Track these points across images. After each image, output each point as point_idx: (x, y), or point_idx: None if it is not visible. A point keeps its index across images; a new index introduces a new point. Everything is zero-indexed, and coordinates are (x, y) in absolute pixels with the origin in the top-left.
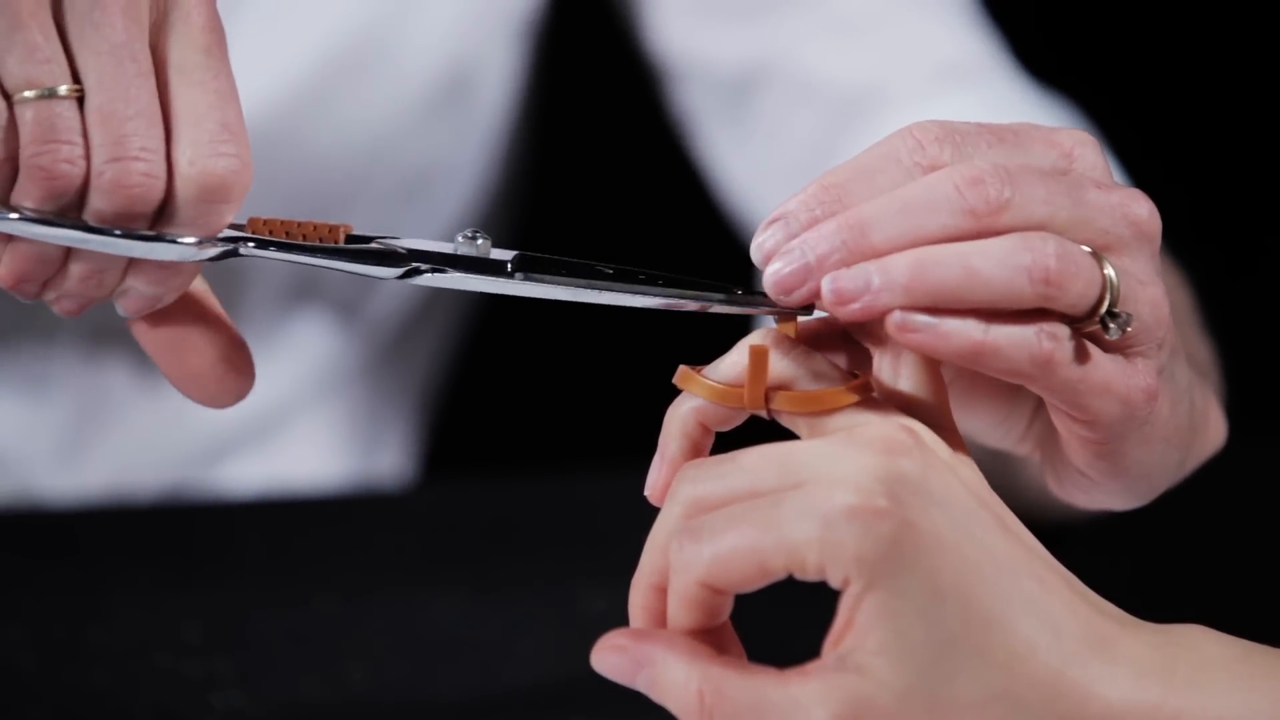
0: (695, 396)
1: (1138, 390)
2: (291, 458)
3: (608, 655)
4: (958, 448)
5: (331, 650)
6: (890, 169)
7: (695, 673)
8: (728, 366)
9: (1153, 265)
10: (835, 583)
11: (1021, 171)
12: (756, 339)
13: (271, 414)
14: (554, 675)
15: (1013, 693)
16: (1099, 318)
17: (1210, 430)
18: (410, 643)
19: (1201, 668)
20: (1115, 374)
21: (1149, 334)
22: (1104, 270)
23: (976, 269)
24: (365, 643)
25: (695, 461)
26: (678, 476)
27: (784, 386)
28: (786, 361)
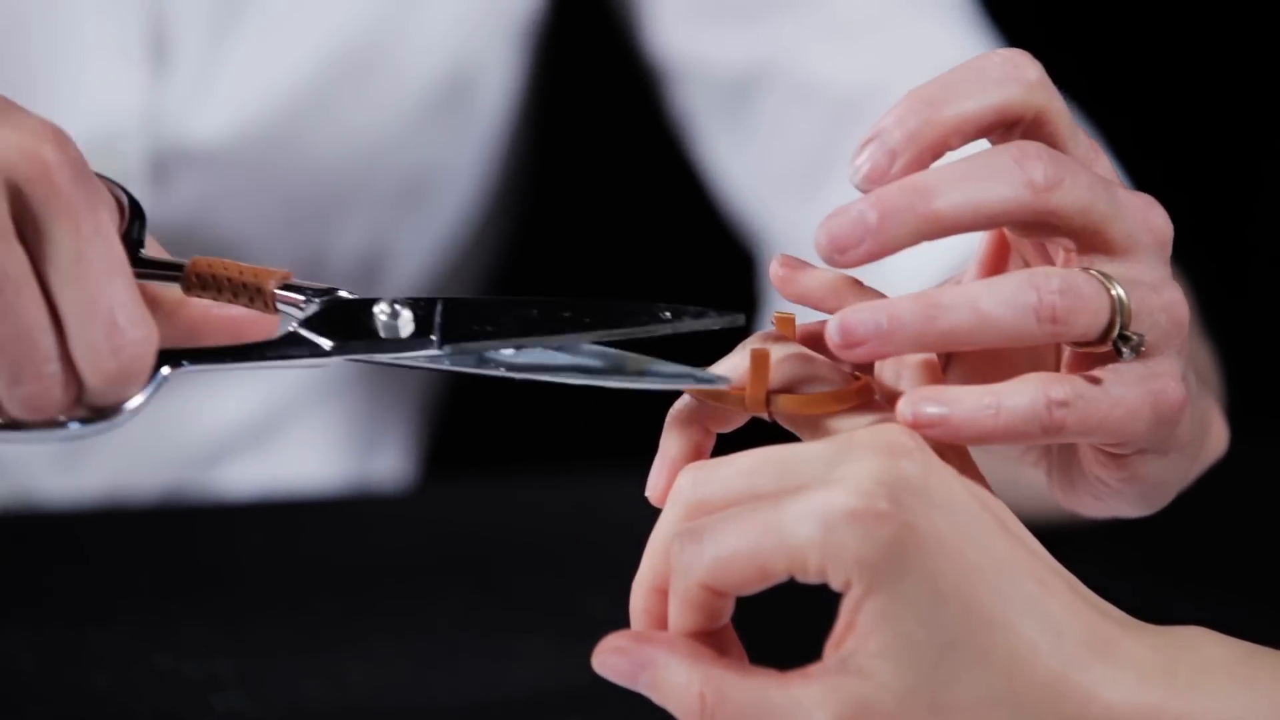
0: (696, 398)
1: (1166, 404)
2: (290, 460)
3: (609, 657)
4: (959, 450)
5: (332, 652)
6: (979, 79)
7: (697, 675)
8: (728, 368)
9: (1166, 271)
10: (836, 585)
11: (1066, 157)
12: (757, 341)
13: (270, 416)
14: (555, 677)
15: (1014, 695)
16: (1111, 341)
17: (1213, 436)
18: (410, 645)
19: (1203, 670)
20: (1140, 396)
21: (1168, 341)
22: (1112, 292)
23: (985, 312)
24: (365, 645)
25: (696, 463)
26: (679, 478)
27: (785, 389)
28: (787, 363)
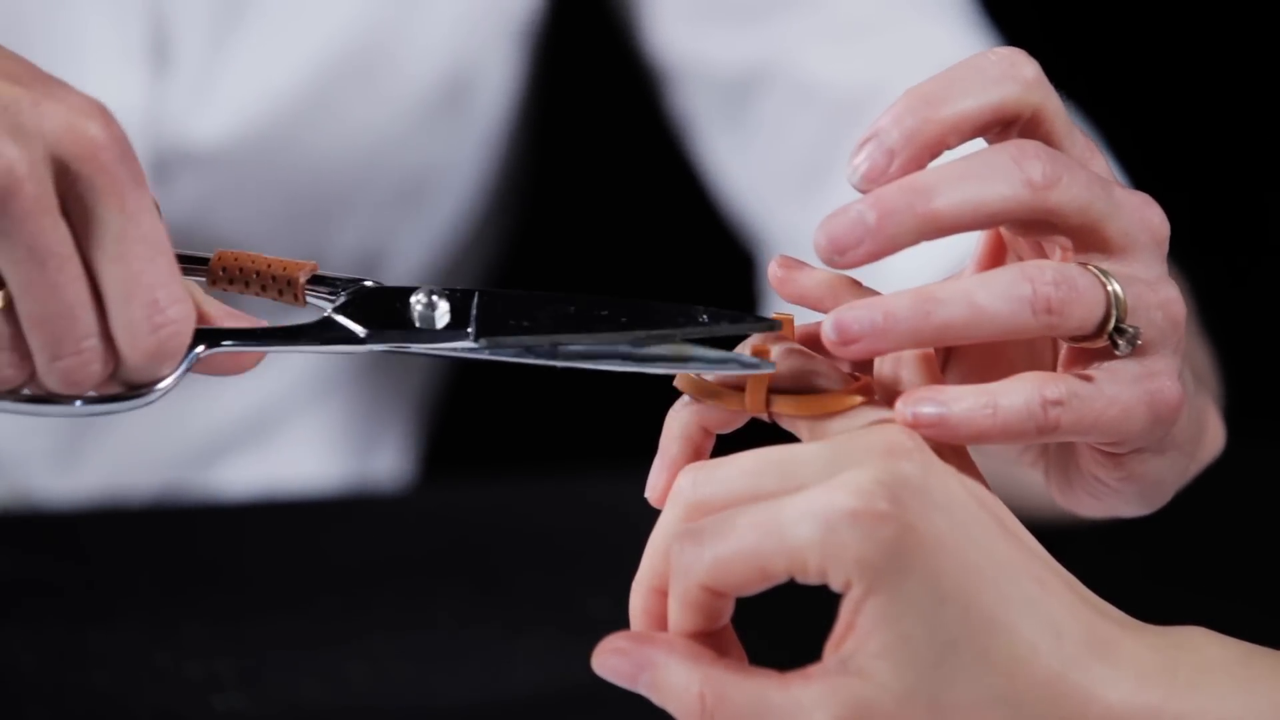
0: (696, 399)
1: (1163, 403)
2: (288, 459)
3: (609, 658)
4: (958, 450)
5: (332, 652)
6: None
7: (696, 675)
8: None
9: (1163, 269)
10: (836, 586)
11: (1064, 156)
12: (757, 341)
13: (268, 415)
14: (555, 678)
15: (1014, 695)
16: (1107, 335)
17: (1210, 435)
18: (411, 645)
19: (1203, 670)
20: (1136, 395)
21: (1165, 339)
22: (1108, 287)
23: (980, 305)
24: (366, 645)
25: (696, 464)
26: (678, 479)
27: (785, 389)
28: (787, 364)
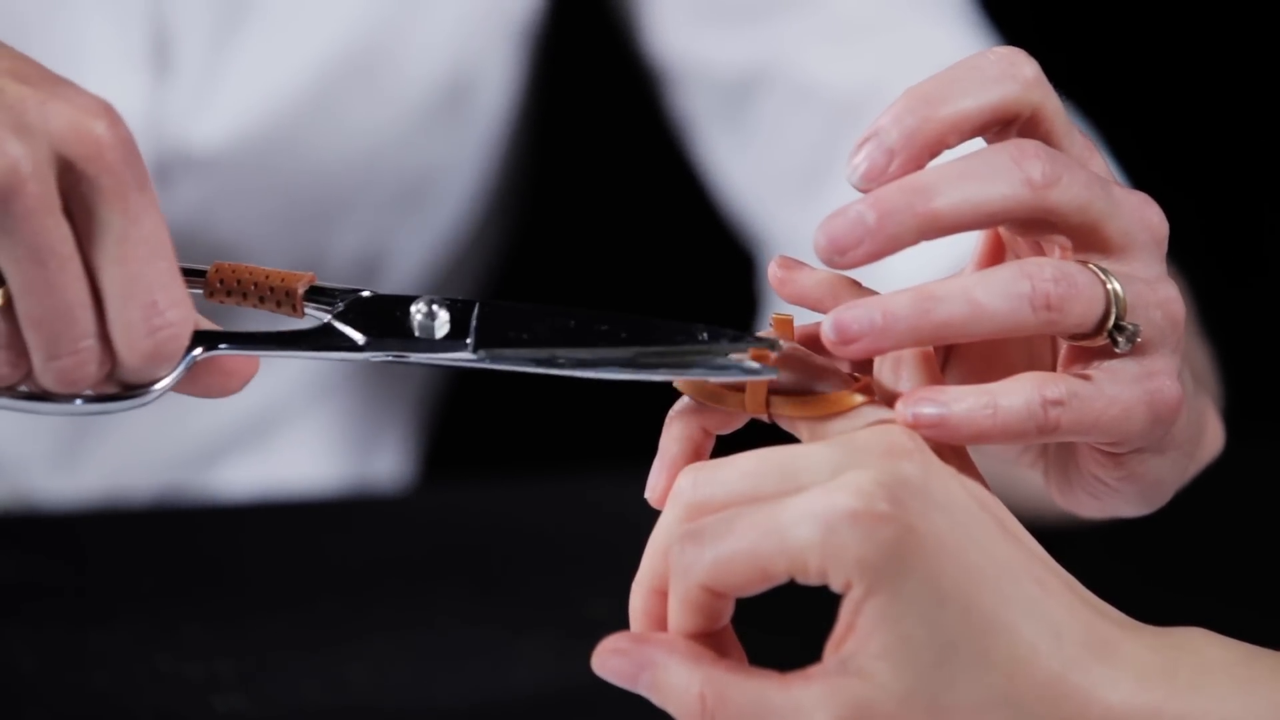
0: (696, 400)
1: (1162, 403)
2: (287, 460)
3: (609, 659)
4: (958, 451)
5: (332, 653)
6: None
7: (697, 676)
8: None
9: (1162, 268)
10: (837, 587)
11: (1063, 155)
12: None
13: (268, 416)
14: (555, 679)
15: (1014, 697)
16: (1106, 332)
17: (1209, 435)
18: (411, 646)
19: (1203, 671)
20: (1136, 395)
21: (1164, 338)
22: (1108, 285)
23: (980, 302)
24: (366, 646)
25: (696, 465)
26: (678, 479)
27: (785, 390)
28: (787, 365)
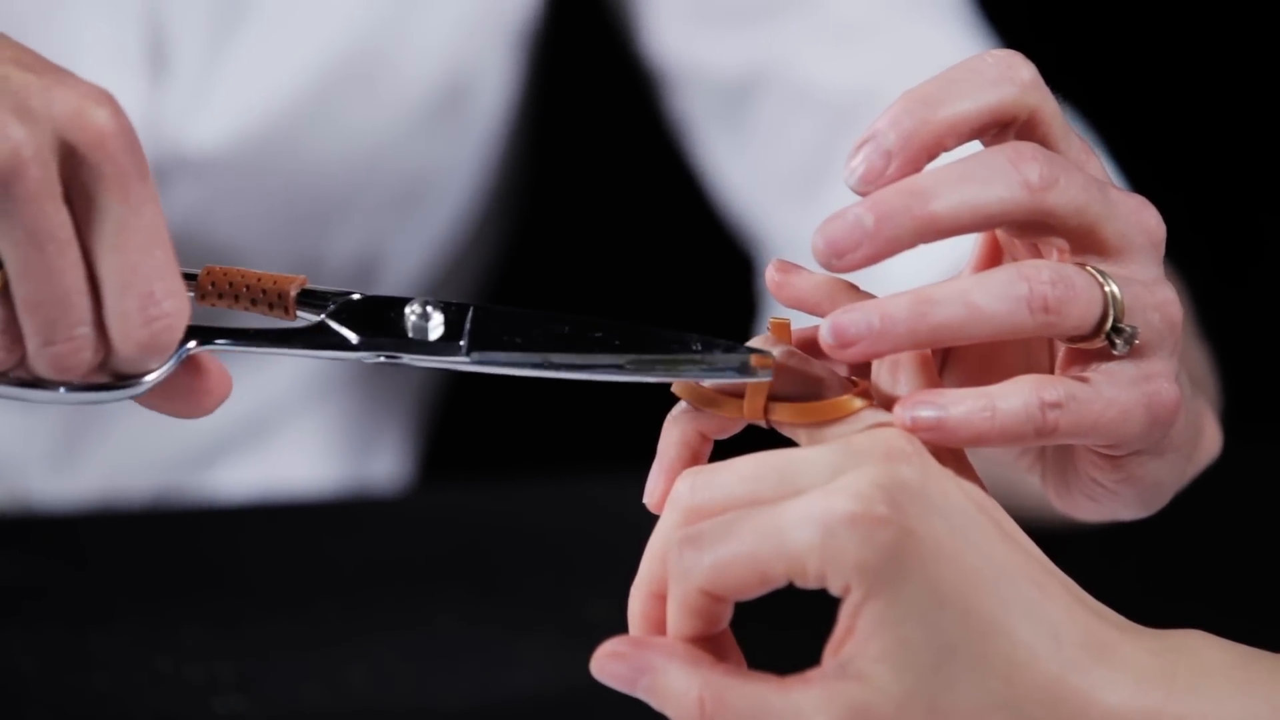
0: (694, 405)
1: (1160, 405)
2: (285, 462)
3: (608, 662)
4: (956, 454)
5: (332, 654)
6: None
7: (696, 679)
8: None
9: (1160, 271)
10: (836, 590)
11: (1060, 158)
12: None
13: (266, 417)
14: (553, 682)
15: (1013, 699)
16: (1104, 334)
17: (1207, 438)
18: (410, 648)
19: (1201, 673)
20: (1134, 397)
21: (1162, 340)
22: (1106, 287)
23: (977, 305)
24: (366, 647)
25: (694, 469)
26: (677, 483)
27: (783, 395)
28: (784, 369)
